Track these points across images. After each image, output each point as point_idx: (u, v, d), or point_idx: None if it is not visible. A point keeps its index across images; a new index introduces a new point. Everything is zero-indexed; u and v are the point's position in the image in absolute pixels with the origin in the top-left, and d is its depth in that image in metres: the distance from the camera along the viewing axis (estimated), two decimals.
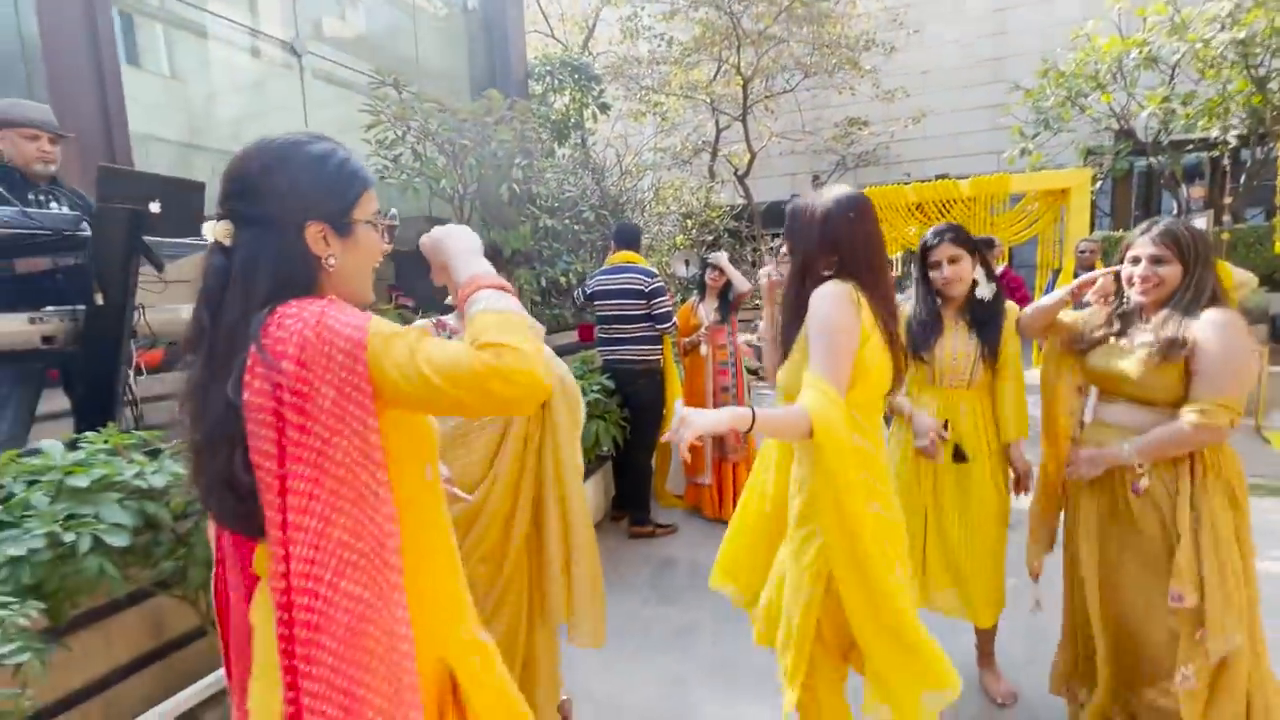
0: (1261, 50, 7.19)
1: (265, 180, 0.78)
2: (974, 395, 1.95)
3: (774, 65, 10.85)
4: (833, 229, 1.35)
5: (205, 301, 0.77)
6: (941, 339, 1.93)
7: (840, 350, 1.28)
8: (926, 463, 1.96)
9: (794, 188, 14.09)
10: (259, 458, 0.71)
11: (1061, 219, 7.80)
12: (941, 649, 1.33)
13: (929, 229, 1.98)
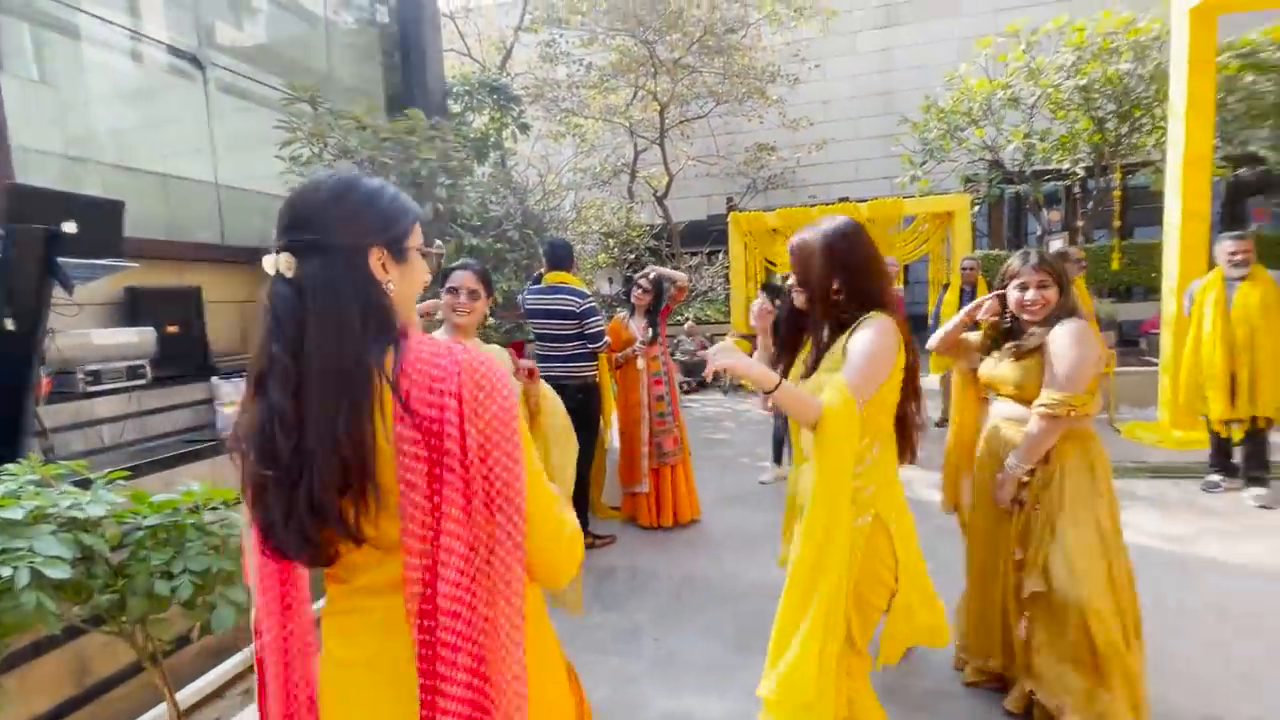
0: (1099, 96, 8.36)
1: (331, 210, 0.80)
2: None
3: (688, 92, 11.35)
4: (833, 256, 1.50)
5: (278, 335, 0.75)
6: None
7: (875, 375, 1.41)
8: None
9: (710, 208, 14.69)
10: (406, 486, 0.73)
11: (948, 239, 8.64)
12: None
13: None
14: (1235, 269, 3.60)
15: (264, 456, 0.75)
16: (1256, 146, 8.25)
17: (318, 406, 0.73)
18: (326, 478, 0.72)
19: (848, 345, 1.45)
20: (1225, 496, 3.76)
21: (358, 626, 0.82)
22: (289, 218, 0.80)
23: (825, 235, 1.51)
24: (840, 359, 1.46)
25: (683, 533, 3.66)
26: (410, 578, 0.73)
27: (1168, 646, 2.25)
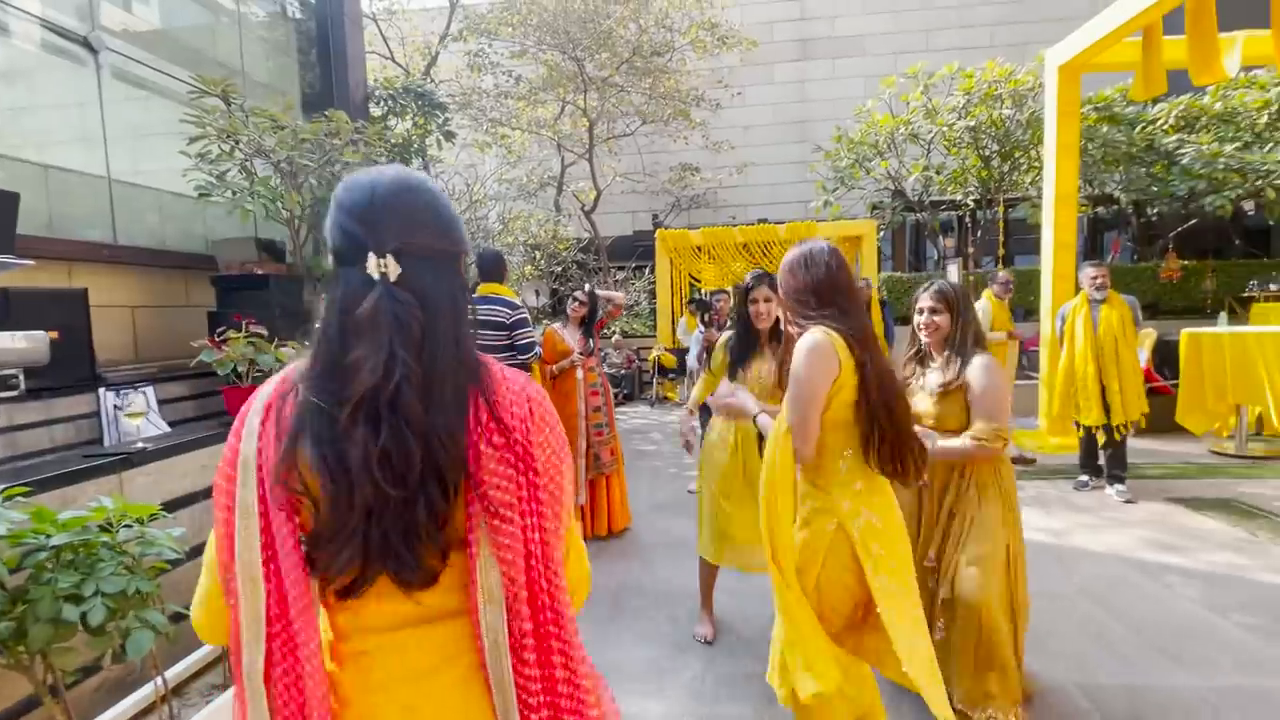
0: (985, 136, 9.28)
1: (441, 212, 0.78)
2: (773, 403, 2.46)
3: (616, 110, 11.56)
4: (805, 276, 1.62)
5: (404, 342, 0.70)
6: (752, 360, 2.45)
7: (805, 399, 1.54)
8: (745, 455, 2.48)
9: (636, 225, 14.94)
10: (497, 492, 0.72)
11: (858, 261, 9.25)
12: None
13: (749, 272, 2.53)
14: (1097, 292, 4.12)
15: (391, 477, 0.68)
16: (1112, 188, 9.42)
17: (440, 417, 0.70)
18: (446, 491, 0.71)
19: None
20: (1093, 494, 4.26)
21: (397, 661, 0.76)
22: (399, 219, 0.74)
23: (795, 258, 1.65)
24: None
25: (616, 541, 3.71)
26: (511, 592, 0.72)
27: (1049, 628, 2.54)
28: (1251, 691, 2.10)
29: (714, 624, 2.67)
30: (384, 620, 0.75)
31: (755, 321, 2.46)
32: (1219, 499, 4.06)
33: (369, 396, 0.68)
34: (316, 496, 0.70)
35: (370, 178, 0.75)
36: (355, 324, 0.70)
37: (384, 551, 0.70)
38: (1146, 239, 10.75)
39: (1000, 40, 13.30)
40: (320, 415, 0.69)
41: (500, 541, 0.72)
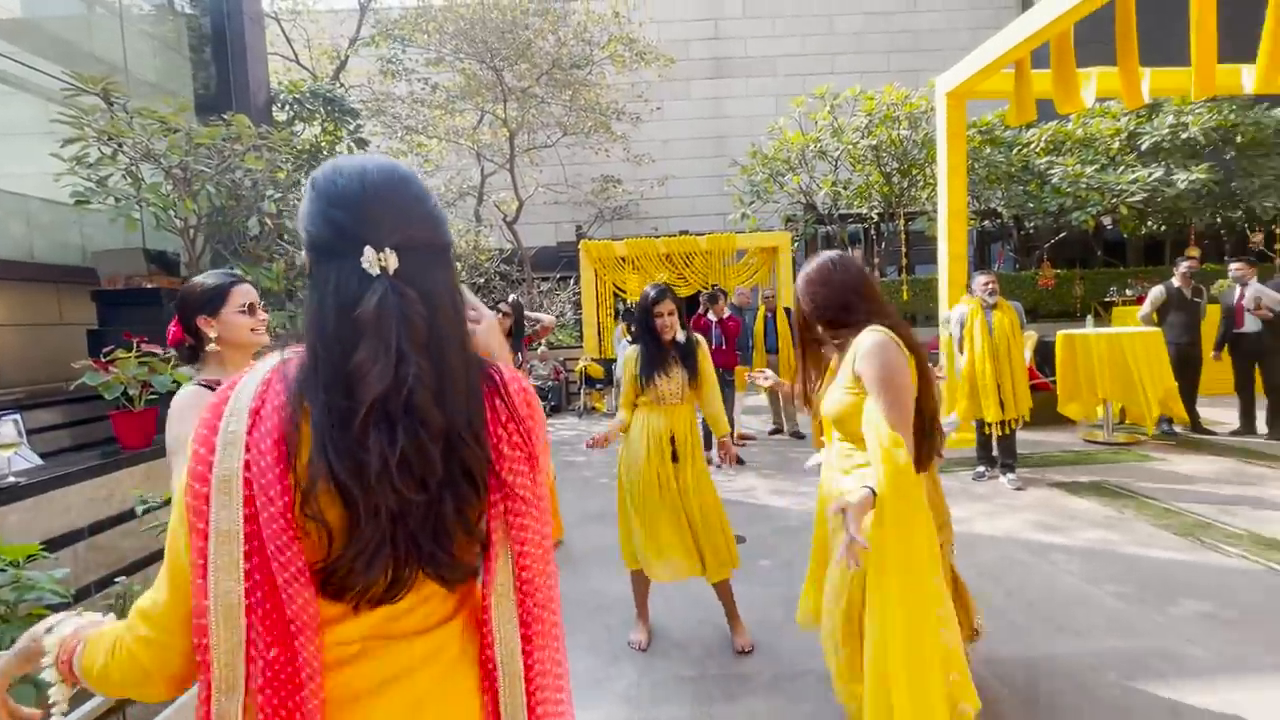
0: (886, 155, 9.96)
1: (431, 206, 0.74)
2: (684, 410, 2.60)
3: (537, 121, 11.52)
4: (841, 281, 1.66)
5: (411, 339, 0.66)
6: (659, 372, 2.54)
7: (904, 391, 1.52)
8: (658, 464, 2.52)
9: (560, 235, 14.89)
10: (514, 480, 0.73)
11: (774, 270, 9.65)
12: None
13: (650, 285, 2.60)
14: (989, 298, 4.52)
15: (412, 483, 0.65)
16: (995, 204, 10.35)
17: (460, 415, 0.69)
18: (476, 488, 0.70)
19: (850, 364, 1.61)
20: (989, 483, 4.64)
21: (380, 664, 0.71)
22: (395, 210, 0.70)
23: (814, 269, 1.71)
24: (848, 378, 1.62)
25: None
26: (526, 581, 0.74)
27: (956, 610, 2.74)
28: (1124, 651, 2.37)
29: (649, 630, 2.70)
30: (376, 628, 0.71)
31: (661, 334, 2.54)
32: (1092, 482, 4.53)
33: (380, 401, 0.64)
34: (333, 517, 0.65)
35: (358, 164, 0.71)
36: (356, 323, 0.64)
37: (416, 553, 0.68)
38: (1026, 250, 11.86)
39: (895, 66, 14.35)
40: (331, 425, 0.64)
41: (522, 536, 0.73)
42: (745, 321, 6.84)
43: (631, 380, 2.61)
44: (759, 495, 4.64)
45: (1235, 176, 9.64)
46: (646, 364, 2.57)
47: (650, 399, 2.58)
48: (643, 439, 2.58)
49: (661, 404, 2.57)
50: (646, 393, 2.57)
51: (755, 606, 2.87)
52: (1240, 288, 5.58)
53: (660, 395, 2.56)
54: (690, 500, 2.55)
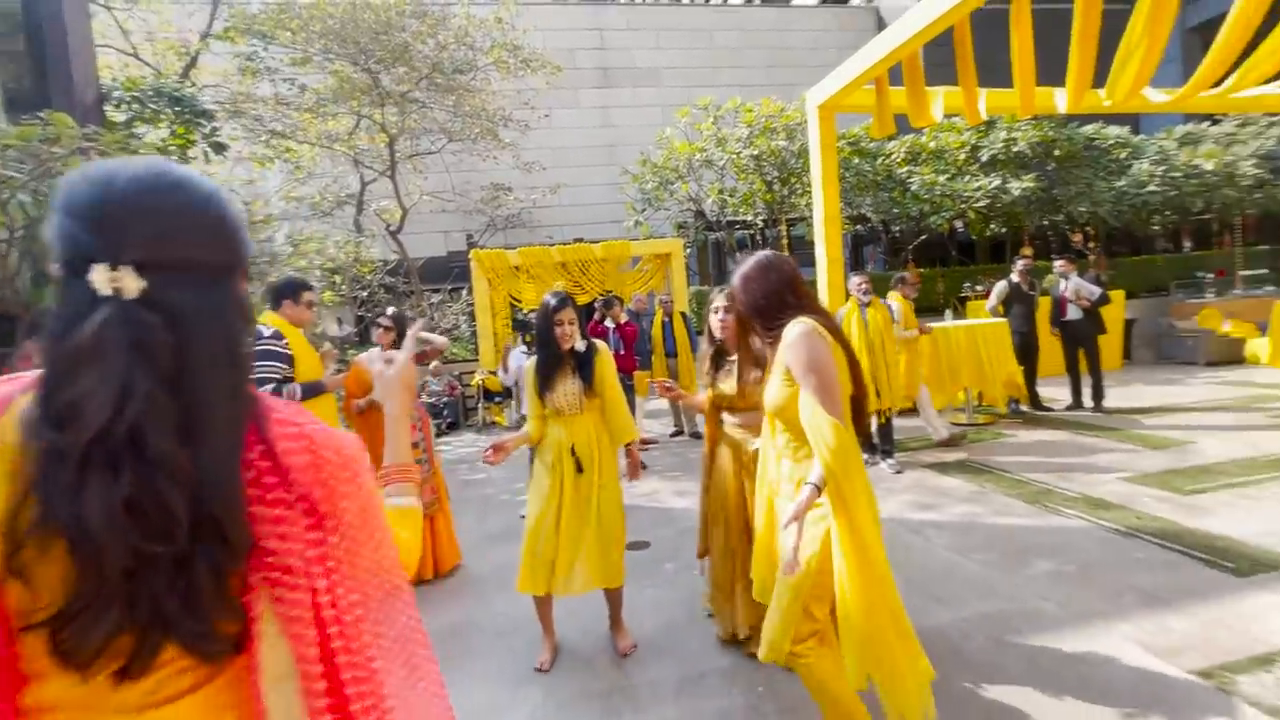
0: (767, 164, 10.48)
1: (201, 215, 0.65)
2: (585, 419, 2.55)
3: (419, 127, 11.04)
4: (774, 278, 1.75)
5: (147, 370, 0.58)
6: (559, 380, 2.50)
7: (830, 374, 1.59)
8: (561, 476, 2.49)
9: (450, 245, 14.37)
10: (282, 564, 0.63)
11: (668, 276, 9.85)
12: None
13: (549, 293, 2.57)
14: (864, 296, 4.87)
15: (148, 532, 0.57)
16: (865, 209, 11.20)
17: (214, 459, 0.61)
18: (229, 545, 0.61)
19: (784, 357, 1.67)
20: (872, 469, 4.98)
21: None
22: (147, 222, 0.62)
23: (751, 266, 1.81)
24: (784, 370, 1.69)
25: (445, 582, 3.48)
26: (303, 670, 0.63)
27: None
28: (990, 614, 2.61)
29: (554, 648, 2.63)
30: (81, 698, 0.61)
31: (560, 342, 2.51)
32: (957, 461, 4.99)
33: (100, 438, 0.56)
34: (50, 569, 0.58)
35: (108, 170, 0.63)
36: (77, 351, 0.57)
37: (160, 618, 0.59)
38: (894, 251, 12.93)
39: (773, 80, 15.18)
40: (50, 465, 0.57)
41: (286, 611, 0.63)
42: (643, 327, 6.93)
43: (532, 392, 2.55)
44: (662, 498, 4.69)
45: (1056, 185, 11.07)
46: (543, 374, 2.53)
47: (550, 410, 2.53)
48: (546, 451, 2.54)
49: (560, 415, 2.54)
50: (546, 404, 2.52)
51: (661, 609, 2.89)
52: (1064, 281, 6.40)
53: (558, 406, 2.52)
54: (593, 510, 2.52)
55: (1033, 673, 2.19)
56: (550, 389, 2.51)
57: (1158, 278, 11.74)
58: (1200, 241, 13.09)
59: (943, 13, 4.29)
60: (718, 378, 2.50)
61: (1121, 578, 2.81)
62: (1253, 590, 2.60)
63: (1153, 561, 2.95)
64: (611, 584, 2.55)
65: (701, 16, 16.48)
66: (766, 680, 2.28)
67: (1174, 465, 4.36)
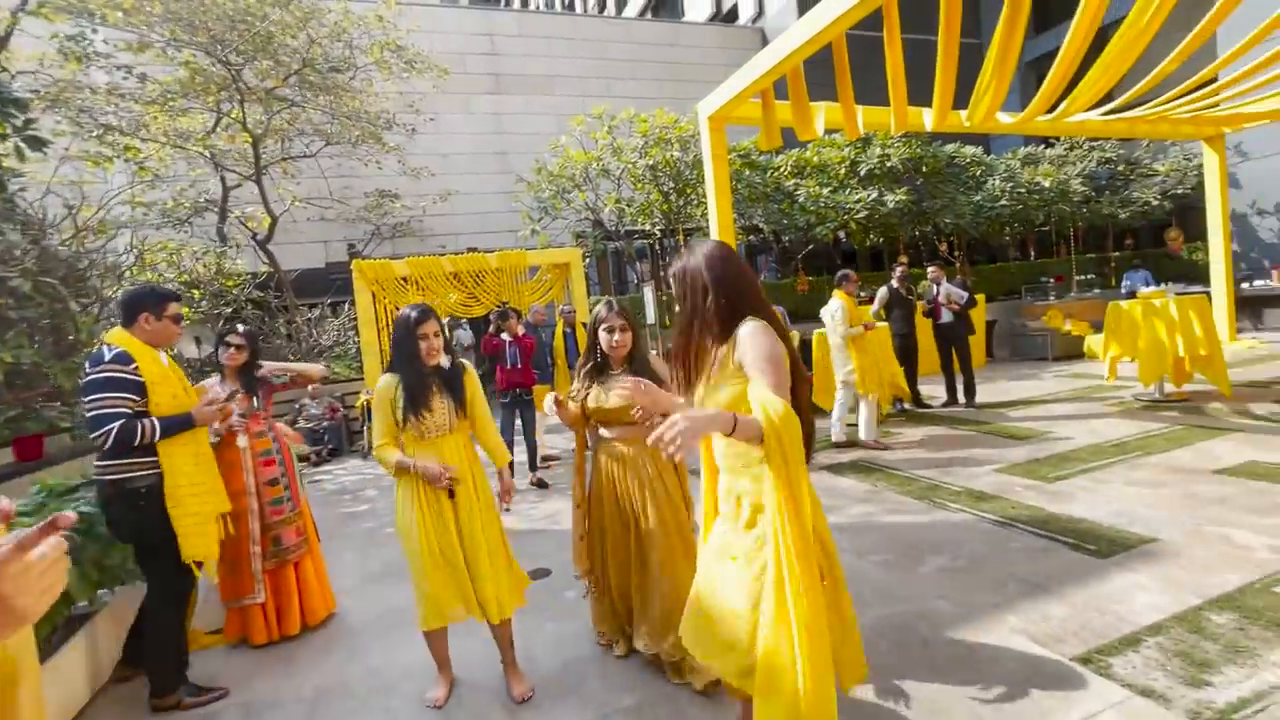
0: (662, 175, 10.58)
1: None
2: (455, 440, 2.36)
3: (290, 128, 10.13)
4: (714, 274, 1.59)
5: None
6: (430, 400, 2.30)
7: (782, 372, 1.49)
8: (431, 504, 2.28)
9: (330, 255, 13.32)
10: None
11: (567, 287, 9.65)
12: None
13: (411, 305, 2.34)
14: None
15: None
16: (756, 220, 11.60)
17: None
18: None
19: (732, 357, 1.55)
20: None
21: None
22: None
23: (702, 256, 1.62)
24: (728, 372, 1.55)
25: (314, 636, 3.06)
26: None
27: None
28: (891, 618, 2.63)
29: (450, 683, 2.42)
30: None
31: (426, 357, 2.30)
32: (851, 461, 5.16)
33: None
34: None
35: None
36: None
37: None
38: (785, 260, 13.48)
39: (664, 94, 15.45)
40: None
41: None
42: (543, 339, 6.68)
43: (390, 414, 2.28)
44: (565, 520, 4.46)
45: (925, 199, 12.03)
46: (410, 394, 2.28)
47: (415, 433, 2.30)
48: (413, 478, 2.28)
49: (426, 438, 2.31)
50: (410, 427, 2.29)
51: (562, 644, 2.68)
52: (936, 286, 6.88)
53: (425, 428, 2.28)
54: (470, 539, 2.31)
55: (934, 674, 2.20)
56: (420, 410, 2.28)
57: (1010, 283, 13.05)
58: (1043, 250, 14.74)
59: (821, 29, 4.45)
60: (595, 392, 2.39)
61: (1004, 567, 2.95)
62: (1114, 571, 2.80)
63: (1029, 549, 3.13)
64: (506, 612, 2.35)
65: (594, 28, 16.50)
66: (678, 716, 2.14)
67: (1037, 455, 4.74)
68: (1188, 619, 2.36)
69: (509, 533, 4.20)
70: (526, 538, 4.13)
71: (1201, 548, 2.93)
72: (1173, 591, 2.57)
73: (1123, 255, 14.02)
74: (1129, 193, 13.23)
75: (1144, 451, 4.54)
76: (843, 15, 4.27)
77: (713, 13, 19.40)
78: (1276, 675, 2.00)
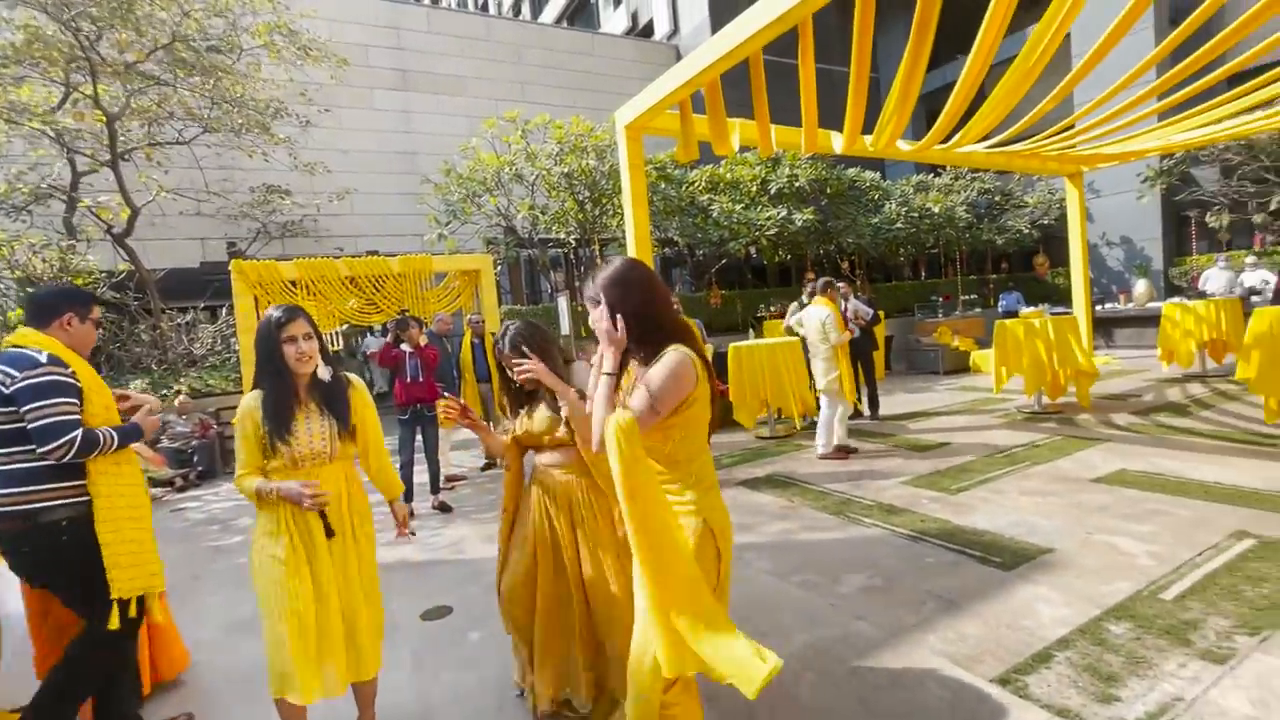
0: (578, 183, 10.39)
1: None
2: (335, 470, 2.01)
3: (159, 109, 9.04)
4: (625, 292, 1.58)
5: None
6: (297, 417, 1.94)
7: (665, 402, 1.51)
8: (302, 549, 1.91)
9: (206, 254, 12.03)
10: None
11: (477, 295, 9.19)
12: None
13: (277, 307, 1.96)
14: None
15: None
16: (672, 233, 11.66)
17: None
18: None
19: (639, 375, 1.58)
20: None
21: None
22: None
23: (614, 273, 1.61)
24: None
25: (161, 700, 2.56)
26: None
27: None
28: (814, 644, 2.54)
29: None
30: None
31: (296, 364, 1.94)
32: (767, 475, 5.16)
33: None
34: None
35: None
36: None
37: None
38: (699, 274, 13.65)
39: (578, 103, 15.31)
40: None
41: None
42: (449, 350, 6.25)
43: (254, 437, 1.91)
44: (470, 548, 4.11)
45: (830, 219, 12.59)
46: (275, 413, 1.91)
47: (284, 461, 1.92)
48: (276, 514, 1.91)
49: (301, 466, 1.94)
50: (278, 453, 1.91)
51: (463, 698, 2.38)
52: (845, 303, 7.11)
53: (299, 455, 1.93)
54: (356, 584, 2.00)
55: (864, 708, 2.12)
56: (288, 431, 1.91)
57: (904, 300, 13.91)
58: (932, 271, 15.88)
59: (739, 43, 4.45)
60: (521, 416, 2.15)
61: (919, 584, 2.96)
62: (1018, 584, 2.88)
63: (941, 563, 3.17)
64: (362, 676, 2.02)
65: (509, 31, 16.11)
66: None
67: (939, 467, 4.94)
68: (1090, 631, 2.43)
69: (405, 565, 3.83)
70: (427, 569, 3.75)
71: (1093, 556, 3.08)
72: (1074, 603, 2.65)
73: (999, 278, 15.37)
74: (1004, 221, 14.54)
75: (1031, 461, 4.84)
76: (761, 30, 4.28)
77: (629, 26, 19.55)
78: (1175, 685, 2.07)
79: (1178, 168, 12.82)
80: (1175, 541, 3.16)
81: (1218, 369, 8.22)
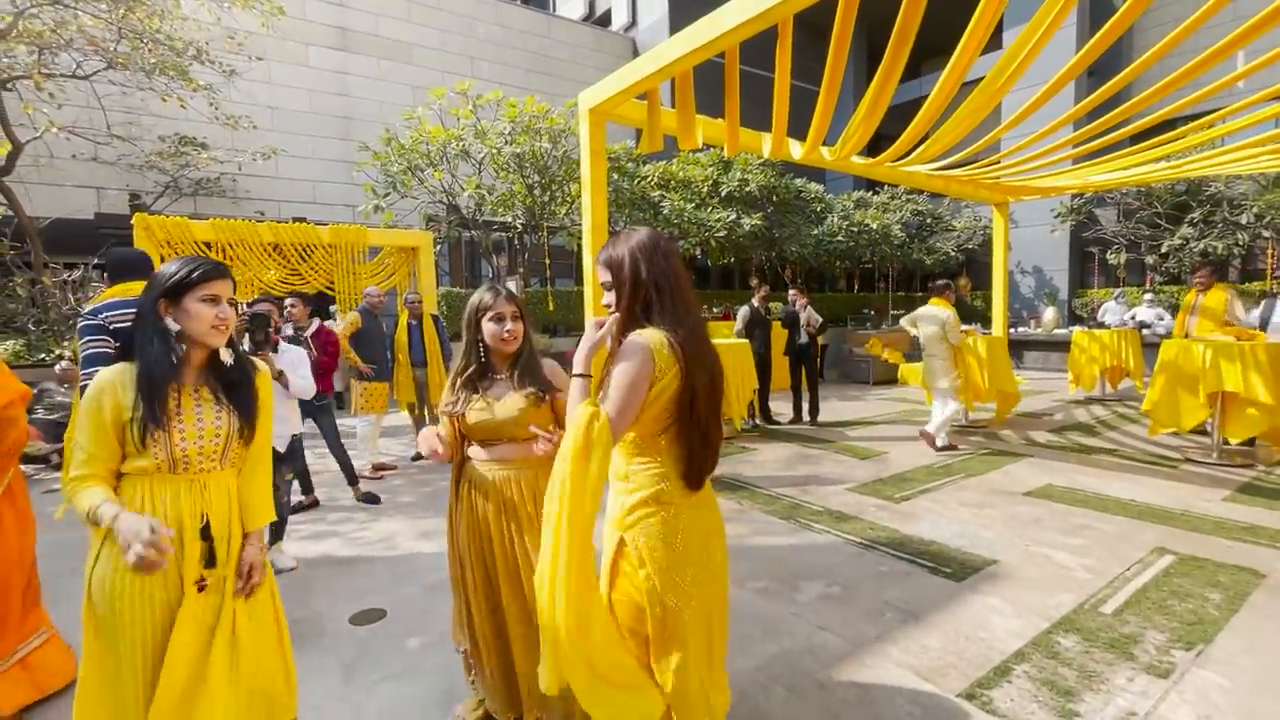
0: (529, 166, 10.03)
1: None
2: (224, 479, 1.56)
3: (53, 35, 7.97)
4: (640, 269, 1.41)
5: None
6: (184, 405, 1.48)
7: (625, 416, 1.33)
8: (163, 583, 1.44)
9: (103, 205, 10.78)
10: None
11: (413, 274, 8.69)
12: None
13: (181, 257, 1.51)
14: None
15: None
16: (621, 227, 11.49)
17: None
18: None
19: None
20: None
21: None
22: None
23: (633, 246, 1.45)
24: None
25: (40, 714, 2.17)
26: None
27: None
28: (780, 656, 2.47)
29: None
30: None
31: (206, 336, 1.49)
32: (716, 477, 5.10)
33: None
34: None
35: None
36: None
37: None
38: None
39: (531, 85, 14.85)
40: None
41: None
42: (384, 329, 5.83)
43: (111, 425, 1.41)
44: (403, 542, 3.81)
45: (775, 226, 12.81)
46: (150, 394, 1.42)
47: (157, 460, 1.44)
48: (142, 533, 1.28)
49: (181, 469, 1.47)
50: (147, 451, 1.43)
51: (405, 711, 2.14)
52: (802, 311, 7.20)
53: (178, 455, 1.45)
54: (236, 622, 1.53)
55: None
56: (168, 420, 1.44)
57: (838, 310, 14.38)
58: (864, 284, 16.51)
59: (718, 35, 4.35)
60: (477, 402, 1.85)
61: (876, 594, 2.96)
62: (970, 595, 2.93)
63: (894, 573, 3.19)
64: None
65: (461, 1, 15.40)
66: None
67: (881, 474, 5.05)
68: (1042, 644, 2.49)
69: (329, 561, 3.49)
70: (355, 567, 3.43)
71: (1034, 569, 3.19)
72: (1024, 615, 2.72)
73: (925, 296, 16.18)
74: (933, 241, 15.30)
75: (965, 474, 5.03)
76: (741, 24, 4.20)
77: (585, 13, 19.18)
78: (1127, 700, 2.13)
79: (1085, 207, 13.94)
80: (1106, 556, 3.33)
81: (1113, 394, 8.95)
